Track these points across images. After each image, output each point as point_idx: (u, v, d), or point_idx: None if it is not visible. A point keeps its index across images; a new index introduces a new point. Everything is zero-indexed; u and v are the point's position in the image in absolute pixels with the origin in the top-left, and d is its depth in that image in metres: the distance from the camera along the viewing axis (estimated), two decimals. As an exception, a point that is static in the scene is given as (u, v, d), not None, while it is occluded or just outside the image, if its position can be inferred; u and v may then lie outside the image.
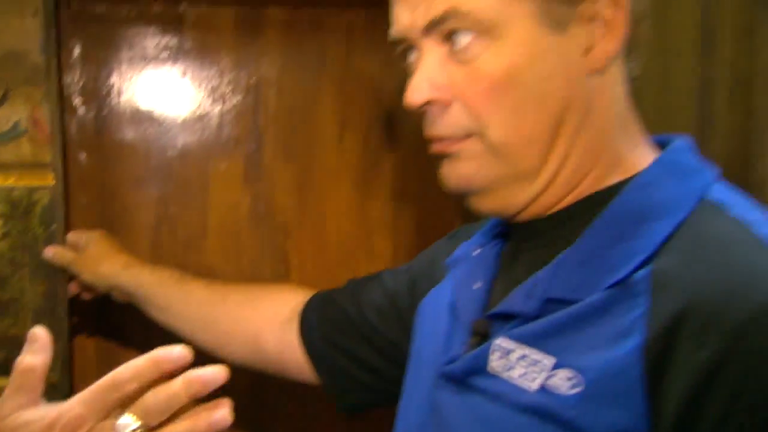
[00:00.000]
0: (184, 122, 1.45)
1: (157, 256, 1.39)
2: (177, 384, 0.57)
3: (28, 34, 1.10)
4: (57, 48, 1.19)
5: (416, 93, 0.71)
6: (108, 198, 1.42)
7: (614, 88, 0.73)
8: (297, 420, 1.51)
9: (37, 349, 0.61)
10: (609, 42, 0.69)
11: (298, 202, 1.50)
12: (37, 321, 1.12)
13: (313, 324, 1.04)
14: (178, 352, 0.58)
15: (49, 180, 1.13)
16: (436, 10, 0.68)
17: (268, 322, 1.09)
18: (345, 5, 1.46)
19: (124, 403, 0.58)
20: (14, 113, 1.11)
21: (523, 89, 0.69)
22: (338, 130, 1.50)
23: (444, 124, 0.72)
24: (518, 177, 0.72)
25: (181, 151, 1.45)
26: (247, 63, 1.46)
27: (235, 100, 1.47)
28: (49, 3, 1.12)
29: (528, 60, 0.69)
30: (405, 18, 0.71)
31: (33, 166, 1.13)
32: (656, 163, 0.72)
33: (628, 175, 0.72)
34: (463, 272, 0.85)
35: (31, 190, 1.13)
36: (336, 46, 1.48)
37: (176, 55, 1.43)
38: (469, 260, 0.85)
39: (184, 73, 1.44)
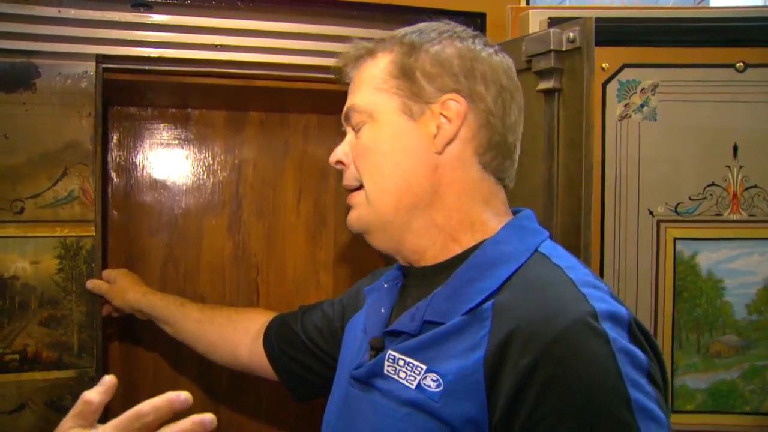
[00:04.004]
0: (187, 189, 1.70)
1: (164, 285, 1.62)
2: (186, 423, 0.63)
3: (83, 129, 1.27)
4: (102, 138, 1.34)
5: (333, 156, 0.90)
6: (131, 243, 1.65)
7: (464, 170, 0.83)
8: (265, 403, 1.75)
9: (101, 391, 0.67)
10: (447, 132, 0.82)
11: (267, 248, 1.76)
12: (80, 332, 1.27)
13: (273, 339, 1.17)
14: (184, 397, 0.63)
15: (92, 231, 1.28)
16: (346, 107, 0.87)
17: (242, 338, 1.22)
18: (303, 111, 1.76)
19: (146, 429, 0.63)
20: (70, 184, 1.27)
21: (383, 155, 0.83)
22: (296, 197, 1.78)
23: (347, 177, 0.88)
24: (383, 224, 0.84)
25: (184, 210, 1.70)
26: (232, 149, 1.73)
27: (223, 174, 1.73)
28: (99, 107, 1.27)
29: (390, 136, 0.83)
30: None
31: (81, 221, 1.27)
32: (507, 226, 0.84)
33: (490, 235, 0.83)
34: (375, 299, 0.95)
35: (79, 239, 1.28)
36: (296, 139, 1.78)
37: (183, 142, 1.70)
38: (381, 290, 0.95)
39: (188, 156, 1.71)
